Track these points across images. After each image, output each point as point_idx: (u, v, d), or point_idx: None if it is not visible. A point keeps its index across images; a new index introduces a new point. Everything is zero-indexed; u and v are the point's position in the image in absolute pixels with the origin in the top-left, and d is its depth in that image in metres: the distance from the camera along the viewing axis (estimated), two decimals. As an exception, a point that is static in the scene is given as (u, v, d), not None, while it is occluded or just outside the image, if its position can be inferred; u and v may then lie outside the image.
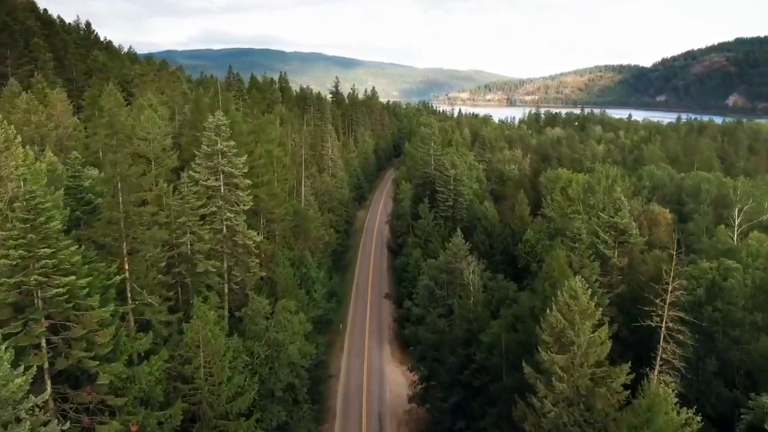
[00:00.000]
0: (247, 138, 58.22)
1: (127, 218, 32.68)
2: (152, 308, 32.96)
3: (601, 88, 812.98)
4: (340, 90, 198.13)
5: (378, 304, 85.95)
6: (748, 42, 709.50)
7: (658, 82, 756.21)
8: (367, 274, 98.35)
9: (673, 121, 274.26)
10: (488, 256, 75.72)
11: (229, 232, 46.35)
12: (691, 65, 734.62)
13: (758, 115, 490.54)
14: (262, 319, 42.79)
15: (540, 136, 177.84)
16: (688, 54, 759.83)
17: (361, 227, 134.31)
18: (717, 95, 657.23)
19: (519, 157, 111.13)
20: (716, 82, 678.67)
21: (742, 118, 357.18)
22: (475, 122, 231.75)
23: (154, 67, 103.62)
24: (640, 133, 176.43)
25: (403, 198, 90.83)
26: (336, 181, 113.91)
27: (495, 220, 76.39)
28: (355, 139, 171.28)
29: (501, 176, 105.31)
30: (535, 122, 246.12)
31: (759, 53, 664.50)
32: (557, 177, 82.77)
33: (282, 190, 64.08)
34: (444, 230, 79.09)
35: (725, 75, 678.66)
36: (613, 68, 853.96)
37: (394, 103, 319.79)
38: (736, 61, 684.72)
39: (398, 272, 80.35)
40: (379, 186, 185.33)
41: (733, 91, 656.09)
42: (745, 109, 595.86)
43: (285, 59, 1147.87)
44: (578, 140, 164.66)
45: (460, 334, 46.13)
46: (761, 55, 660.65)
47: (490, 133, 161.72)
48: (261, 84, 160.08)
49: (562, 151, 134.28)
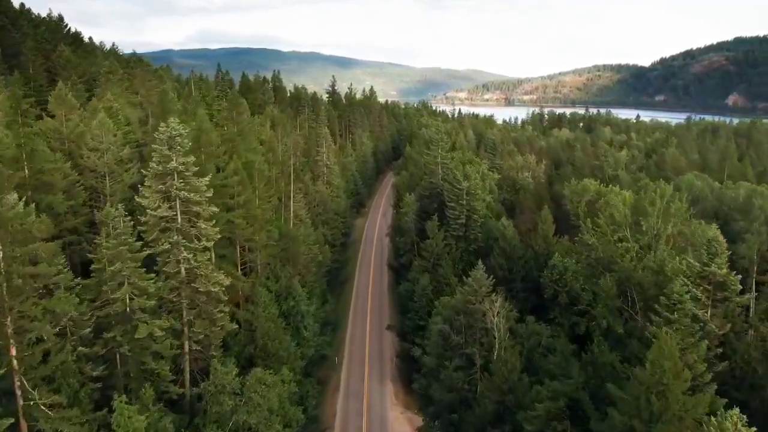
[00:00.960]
0: (220, 149, 46.77)
1: (10, 283, 21.32)
2: (52, 415, 21.55)
3: (600, 88, 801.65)
4: (337, 90, 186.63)
5: (378, 334, 74.45)
6: (747, 41, 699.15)
7: (656, 81, 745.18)
8: (366, 296, 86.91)
9: (680, 121, 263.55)
10: (507, 282, 64.49)
11: (187, 277, 34.99)
12: (690, 65, 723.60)
13: (758, 115, 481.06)
14: (228, 397, 31.42)
15: (548, 139, 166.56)
16: (687, 53, 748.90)
17: (360, 237, 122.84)
18: (716, 95, 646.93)
19: (533, 163, 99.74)
20: (715, 82, 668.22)
21: (742, 117, 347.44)
22: (478, 123, 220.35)
23: (123, 64, 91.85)
24: (655, 135, 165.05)
25: (407, 211, 79.40)
26: (332, 189, 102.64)
27: (515, 241, 65.13)
28: (352, 141, 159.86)
29: (513, 185, 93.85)
30: (539, 123, 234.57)
31: (758, 53, 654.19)
32: (584, 189, 71.49)
33: (264, 210, 52.70)
34: (455, 252, 67.78)
35: (724, 74, 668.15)
36: (611, 68, 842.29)
37: (392, 103, 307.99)
38: (736, 61, 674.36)
39: (402, 300, 69.03)
40: (379, 190, 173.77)
41: (733, 91, 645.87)
42: (745, 109, 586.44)
43: (283, 59, 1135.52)
44: (590, 143, 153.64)
45: (490, 408, 34.87)
46: (761, 54, 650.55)
47: (496, 135, 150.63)
48: (252, 83, 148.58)
49: (576, 156, 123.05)
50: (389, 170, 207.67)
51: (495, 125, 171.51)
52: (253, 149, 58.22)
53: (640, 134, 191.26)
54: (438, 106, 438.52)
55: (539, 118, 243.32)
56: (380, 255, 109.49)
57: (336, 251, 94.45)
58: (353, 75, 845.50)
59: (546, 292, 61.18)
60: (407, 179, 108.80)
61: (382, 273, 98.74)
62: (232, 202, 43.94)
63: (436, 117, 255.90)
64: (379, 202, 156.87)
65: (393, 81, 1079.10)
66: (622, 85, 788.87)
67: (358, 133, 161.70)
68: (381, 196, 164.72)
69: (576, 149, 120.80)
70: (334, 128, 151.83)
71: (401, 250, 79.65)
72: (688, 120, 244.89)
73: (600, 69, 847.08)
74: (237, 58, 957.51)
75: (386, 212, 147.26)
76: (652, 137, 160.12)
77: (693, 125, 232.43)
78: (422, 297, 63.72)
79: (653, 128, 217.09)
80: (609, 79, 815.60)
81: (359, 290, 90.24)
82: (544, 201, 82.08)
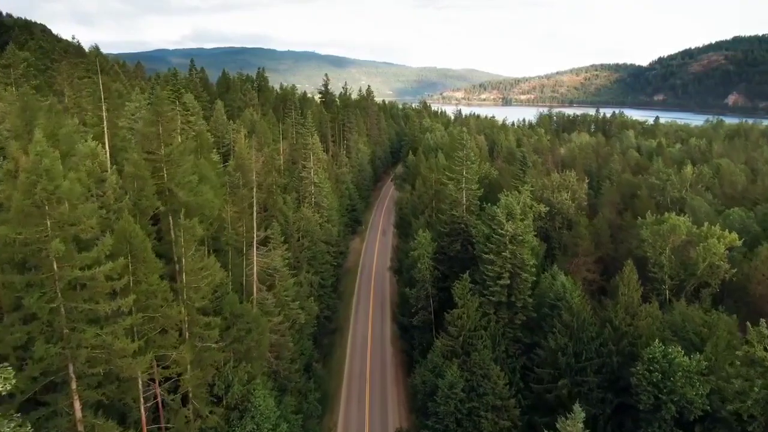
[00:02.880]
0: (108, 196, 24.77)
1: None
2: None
3: (597, 87, 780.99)
4: (331, 90, 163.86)
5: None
6: (746, 40, 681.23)
7: (655, 80, 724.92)
8: (364, 364, 64.65)
9: (699, 123, 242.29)
10: (573, 373, 42.80)
11: None
12: (688, 64, 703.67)
13: (760, 115, 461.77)
14: None
15: (568, 145, 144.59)
16: (686, 53, 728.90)
17: (355, 266, 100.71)
18: (716, 94, 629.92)
19: (573, 182, 77.58)
20: (715, 81, 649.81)
21: (743, 117, 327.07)
22: (484, 125, 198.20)
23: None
24: (691, 141, 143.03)
25: (419, 254, 57.13)
26: (321, 213, 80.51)
27: (584, 313, 43.27)
28: (347, 148, 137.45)
29: (550, 213, 71.63)
30: (549, 125, 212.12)
31: (757, 52, 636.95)
32: (672, 228, 49.63)
33: (194, 297, 30.47)
34: (496, 327, 45.75)
35: (724, 74, 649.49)
36: (609, 67, 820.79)
37: (390, 103, 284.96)
38: (735, 60, 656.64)
39: (418, 394, 46.87)
40: (377, 203, 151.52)
41: (733, 90, 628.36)
42: (746, 108, 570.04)
43: (278, 58, 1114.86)
44: (619, 150, 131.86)
45: None
46: (760, 53, 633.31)
47: (511, 141, 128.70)
48: (232, 82, 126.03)
49: (613, 169, 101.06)
50: (387, 177, 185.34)
51: (508, 129, 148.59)
52: (193, 189, 36.10)
53: (669, 138, 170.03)
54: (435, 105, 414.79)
55: (549, 120, 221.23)
56: (381, 294, 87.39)
57: (326, 293, 72.52)
58: (349, 74, 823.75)
59: (641, 399, 39.46)
60: (414, 201, 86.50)
61: (383, 321, 76.73)
62: (112, 309, 22.09)
63: (437, 118, 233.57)
64: (378, 218, 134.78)
65: (389, 80, 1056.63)
66: (620, 84, 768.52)
67: (354, 138, 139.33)
68: (380, 210, 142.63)
69: (613, 160, 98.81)
70: (326, 134, 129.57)
71: (413, 306, 57.51)
72: (708, 122, 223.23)
73: (597, 68, 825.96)
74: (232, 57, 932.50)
75: (386, 230, 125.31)
76: (689, 144, 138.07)
77: (719, 126, 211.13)
78: (450, 400, 41.76)
79: (677, 131, 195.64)
80: (606, 78, 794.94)
81: (354, 352, 68.14)
82: (603, 240, 60.17)
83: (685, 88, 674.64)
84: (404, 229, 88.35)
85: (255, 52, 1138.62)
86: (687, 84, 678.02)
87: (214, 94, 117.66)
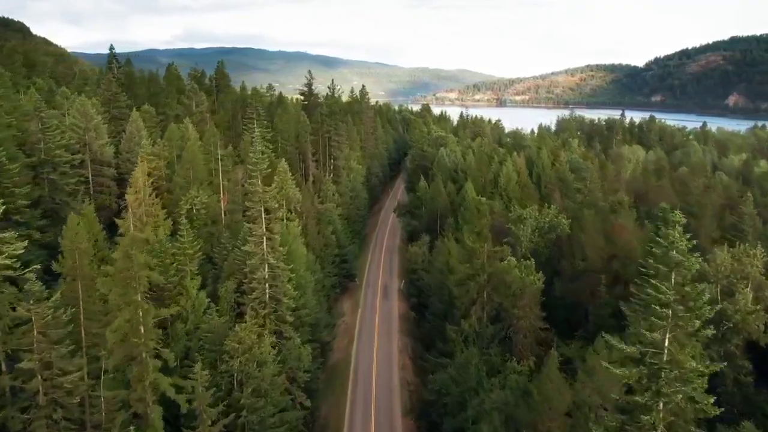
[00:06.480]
0: None
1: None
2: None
3: (593, 88, 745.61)
4: (316, 90, 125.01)
5: None
6: (744, 41, 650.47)
7: (652, 81, 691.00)
8: None
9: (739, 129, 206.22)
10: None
11: None
12: (686, 64, 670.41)
13: (763, 116, 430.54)
14: None
15: (626, 164, 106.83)
16: (683, 53, 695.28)
17: (345, 365, 62.32)
18: (716, 94, 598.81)
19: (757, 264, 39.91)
20: (714, 82, 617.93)
21: (745, 118, 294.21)
22: (501, 133, 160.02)
23: None
24: None
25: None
26: (292, 294, 42.49)
27: None
28: (334, 169, 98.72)
29: (721, 331, 34.22)
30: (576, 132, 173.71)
31: (756, 52, 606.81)
32: None
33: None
34: None
35: (723, 74, 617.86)
36: (605, 67, 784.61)
37: (385, 105, 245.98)
38: (733, 60, 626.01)
39: None
40: (374, 235, 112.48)
41: (733, 91, 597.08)
42: (747, 109, 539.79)
43: (269, 58, 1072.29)
44: (710, 173, 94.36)
45: None
46: (759, 53, 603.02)
47: (563, 164, 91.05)
48: (169, 82, 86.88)
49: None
50: (386, 195, 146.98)
51: (544, 139, 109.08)
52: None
53: (731, 149, 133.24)
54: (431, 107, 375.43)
55: (573, 125, 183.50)
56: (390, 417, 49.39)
57: None
58: (340, 75, 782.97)
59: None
60: (439, 279, 48.35)
61: None
62: None
63: (443, 123, 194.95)
64: (377, 264, 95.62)
65: (381, 81, 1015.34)
66: (616, 85, 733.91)
67: (345, 154, 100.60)
68: (379, 247, 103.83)
69: (744, 201, 61.18)
70: (306, 151, 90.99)
71: None
72: (754, 128, 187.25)
73: (593, 69, 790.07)
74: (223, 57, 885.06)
75: (388, 288, 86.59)
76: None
77: (751, 134, 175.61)
78: None
79: (725, 140, 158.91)
80: (602, 79, 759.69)
81: None
82: None
83: (683, 89, 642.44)
84: (425, 328, 49.97)
85: (246, 52, 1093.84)
86: (685, 84, 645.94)
87: (142, 96, 78.49)
